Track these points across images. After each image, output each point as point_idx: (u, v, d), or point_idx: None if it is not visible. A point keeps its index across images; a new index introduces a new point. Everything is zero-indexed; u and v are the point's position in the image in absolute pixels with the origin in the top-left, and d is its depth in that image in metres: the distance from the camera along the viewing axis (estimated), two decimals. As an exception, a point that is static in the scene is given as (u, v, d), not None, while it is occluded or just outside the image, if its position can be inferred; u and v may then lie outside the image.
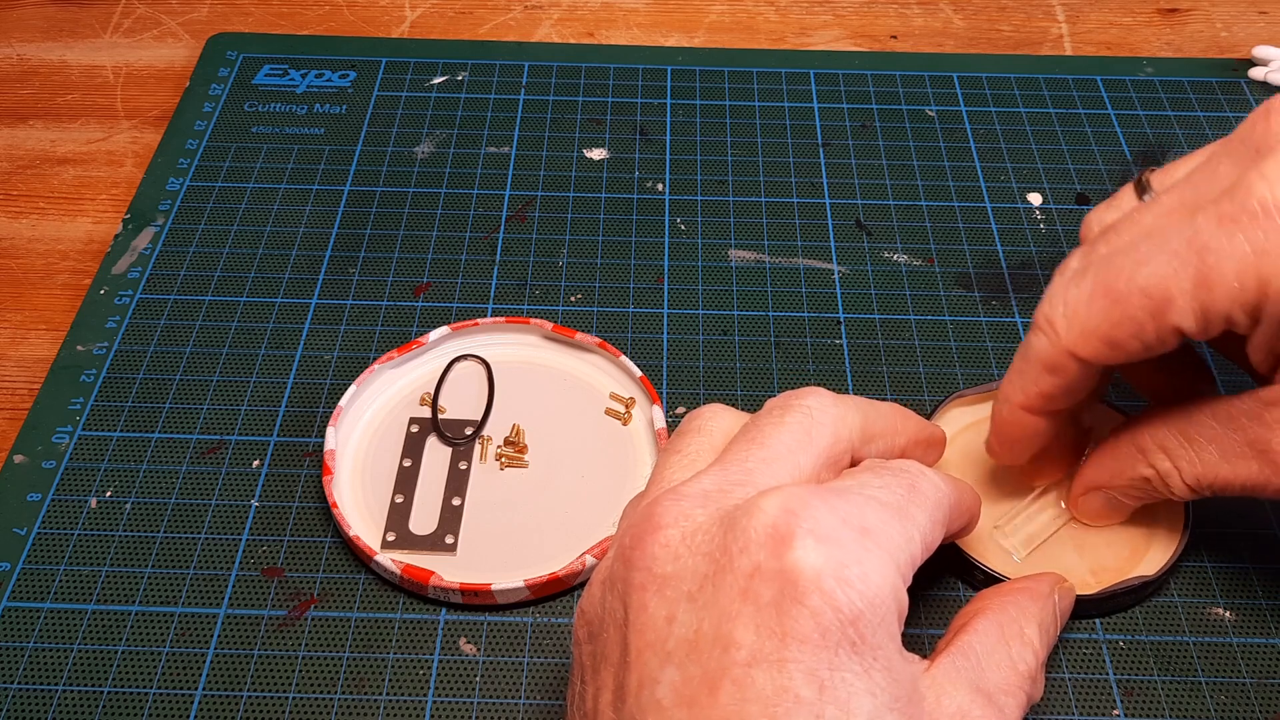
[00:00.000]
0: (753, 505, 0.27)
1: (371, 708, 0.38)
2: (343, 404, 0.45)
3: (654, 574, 0.27)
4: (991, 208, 0.56)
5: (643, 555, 0.28)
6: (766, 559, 0.26)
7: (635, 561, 0.28)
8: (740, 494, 0.29)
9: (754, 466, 0.30)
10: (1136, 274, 0.32)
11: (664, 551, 0.28)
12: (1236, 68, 0.65)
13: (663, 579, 0.27)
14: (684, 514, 0.28)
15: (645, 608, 0.27)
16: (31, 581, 0.41)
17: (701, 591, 0.27)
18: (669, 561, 0.27)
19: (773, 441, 0.31)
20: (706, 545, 0.27)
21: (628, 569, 0.28)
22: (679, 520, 0.28)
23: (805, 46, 0.67)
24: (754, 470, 0.30)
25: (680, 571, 0.27)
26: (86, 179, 0.59)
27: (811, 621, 0.25)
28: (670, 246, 0.54)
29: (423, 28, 0.68)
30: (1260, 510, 0.44)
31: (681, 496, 0.29)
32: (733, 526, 0.27)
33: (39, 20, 0.69)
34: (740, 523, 0.27)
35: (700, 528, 0.28)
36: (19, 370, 0.50)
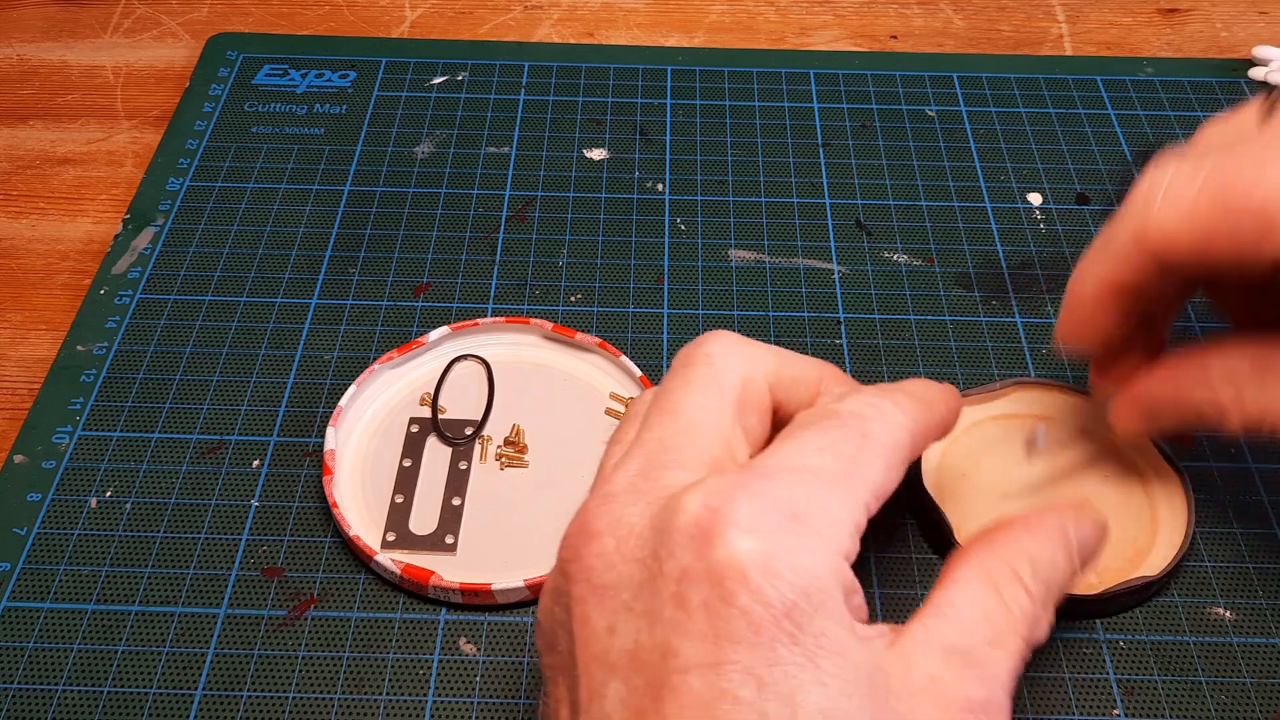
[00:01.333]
0: (677, 504, 0.26)
1: (371, 708, 0.38)
2: (343, 404, 0.45)
3: (593, 585, 0.27)
4: (991, 208, 0.56)
5: (580, 568, 0.27)
6: (693, 560, 0.25)
7: (574, 574, 0.27)
8: (667, 479, 0.28)
9: (671, 441, 0.29)
10: (1260, 181, 0.28)
11: (600, 562, 0.27)
12: (1236, 68, 0.65)
13: (601, 590, 0.27)
14: (616, 518, 0.27)
15: (587, 620, 0.26)
16: (31, 581, 0.41)
17: (638, 600, 0.26)
18: (605, 571, 0.27)
19: (683, 407, 0.29)
20: (639, 551, 0.26)
21: (568, 582, 0.27)
22: (613, 527, 0.27)
23: (805, 46, 0.67)
24: (672, 446, 0.28)
25: (618, 581, 0.26)
26: (86, 179, 0.59)
27: (743, 620, 0.24)
28: (670, 246, 0.54)
29: (423, 28, 0.68)
30: (1260, 510, 0.44)
31: (611, 498, 0.28)
32: (661, 529, 0.26)
33: (39, 20, 0.69)
34: (667, 524, 0.26)
35: (633, 531, 0.27)
36: (19, 370, 0.50)
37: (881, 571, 0.42)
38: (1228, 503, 0.44)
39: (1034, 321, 0.51)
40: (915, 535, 0.43)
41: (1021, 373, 0.48)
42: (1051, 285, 0.52)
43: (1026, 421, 0.46)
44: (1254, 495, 0.44)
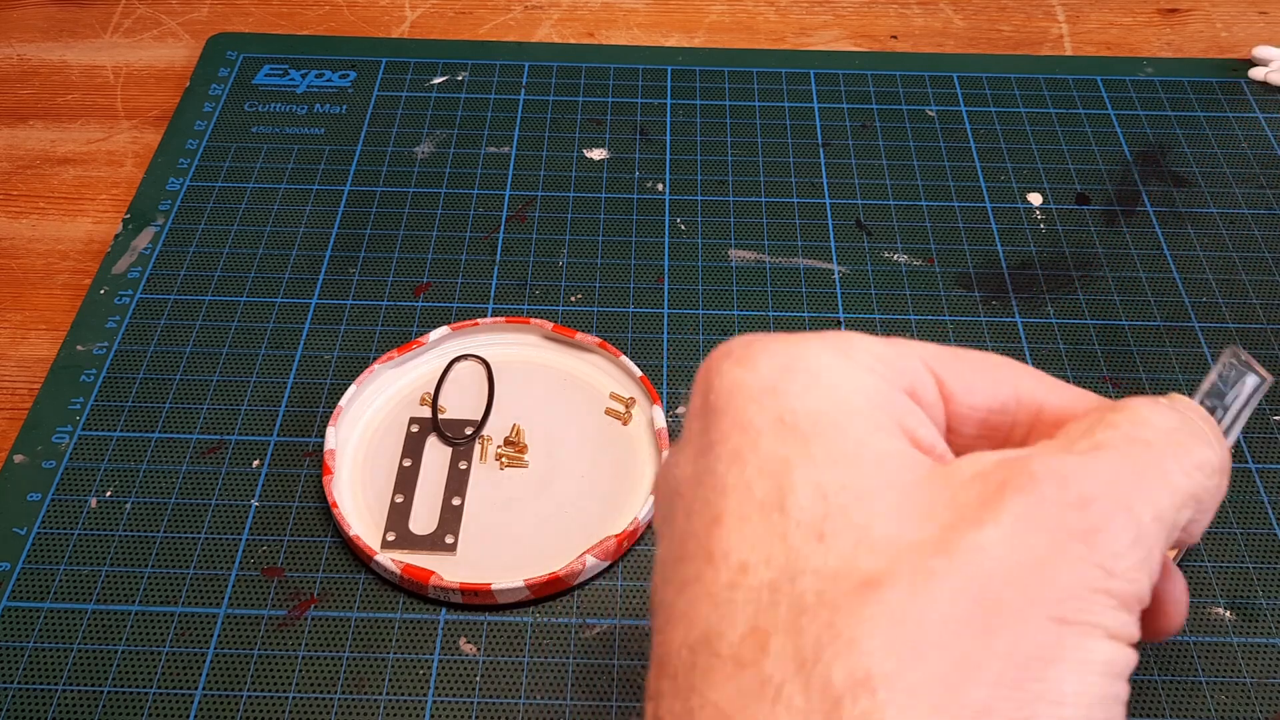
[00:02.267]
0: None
1: (371, 708, 0.38)
2: (343, 404, 0.45)
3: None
4: (991, 208, 0.56)
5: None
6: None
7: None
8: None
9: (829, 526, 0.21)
10: None
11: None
12: (1236, 68, 0.65)
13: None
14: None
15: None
16: (31, 581, 0.41)
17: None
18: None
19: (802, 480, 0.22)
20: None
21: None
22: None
23: (805, 46, 0.67)
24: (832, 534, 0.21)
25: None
26: (86, 179, 0.59)
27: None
28: (670, 246, 0.54)
29: (423, 28, 0.68)
30: (1260, 510, 0.44)
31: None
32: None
33: (39, 20, 0.69)
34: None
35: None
36: (19, 370, 0.50)
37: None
38: (1228, 503, 0.44)
39: (1034, 321, 0.51)
40: (915, 535, 0.43)
41: (1021, 373, 0.48)
42: (1051, 285, 0.52)
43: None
44: (1254, 495, 0.44)
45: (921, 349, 0.25)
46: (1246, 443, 0.46)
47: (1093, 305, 0.51)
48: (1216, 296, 0.52)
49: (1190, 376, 0.48)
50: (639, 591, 0.41)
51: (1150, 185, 0.57)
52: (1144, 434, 0.23)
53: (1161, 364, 0.49)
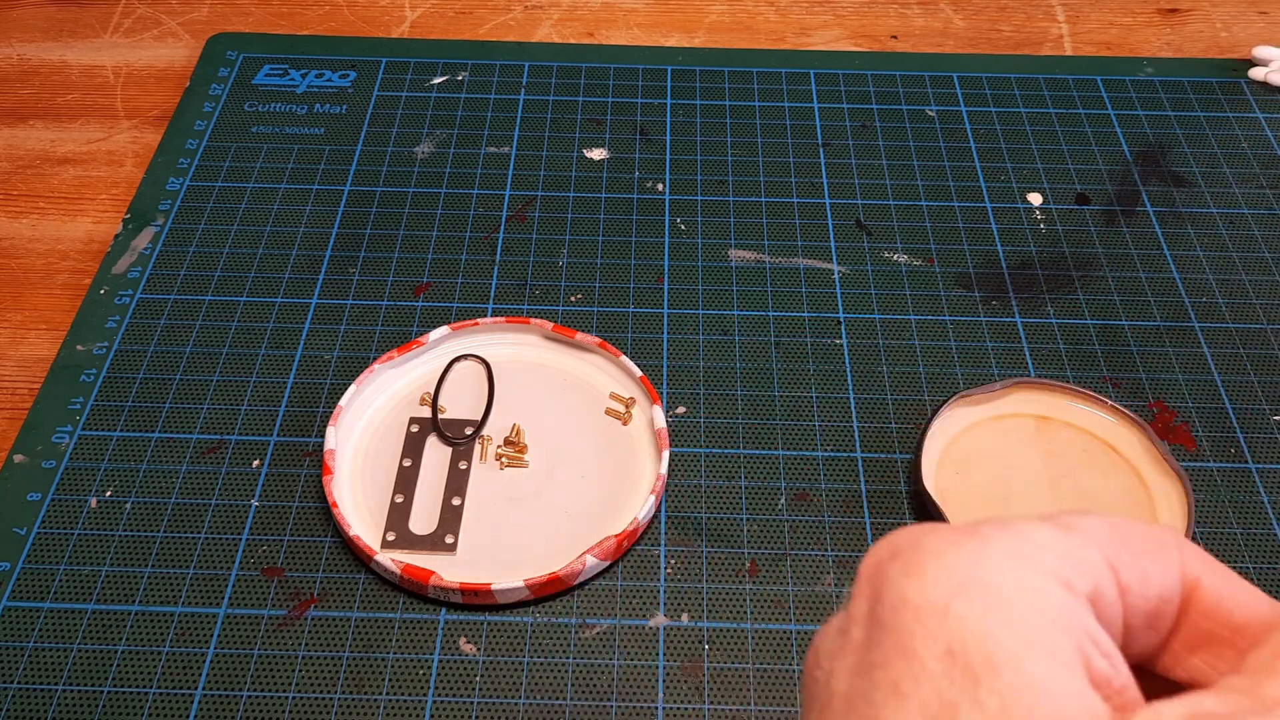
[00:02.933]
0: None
1: (371, 707, 0.38)
2: (343, 404, 0.45)
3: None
4: (991, 208, 0.56)
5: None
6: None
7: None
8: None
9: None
10: None
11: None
12: (1236, 68, 0.65)
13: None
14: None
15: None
16: (31, 581, 0.41)
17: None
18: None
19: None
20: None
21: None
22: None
23: (805, 46, 0.67)
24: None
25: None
26: (86, 179, 0.59)
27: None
28: (670, 246, 0.54)
29: (423, 28, 0.68)
30: (1260, 510, 0.44)
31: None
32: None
33: (39, 20, 0.69)
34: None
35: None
36: (19, 370, 0.50)
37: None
38: (1228, 503, 0.44)
39: (1034, 321, 0.51)
40: (915, 535, 0.43)
41: (1021, 373, 0.48)
42: (1051, 285, 0.52)
43: (1027, 421, 0.46)
44: (1254, 495, 0.44)
45: (1097, 534, 0.22)
46: (1246, 443, 0.46)
47: (1093, 305, 0.51)
48: (1216, 296, 0.52)
49: (1190, 376, 0.48)
50: (639, 591, 0.41)
51: (1150, 185, 0.57)
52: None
53: (1161, 364, 0.49)
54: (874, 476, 0.45)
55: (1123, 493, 0.43)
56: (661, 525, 0.43)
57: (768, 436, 0.46)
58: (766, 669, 0.39)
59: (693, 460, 0.45)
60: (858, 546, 0.43)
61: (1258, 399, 0.48)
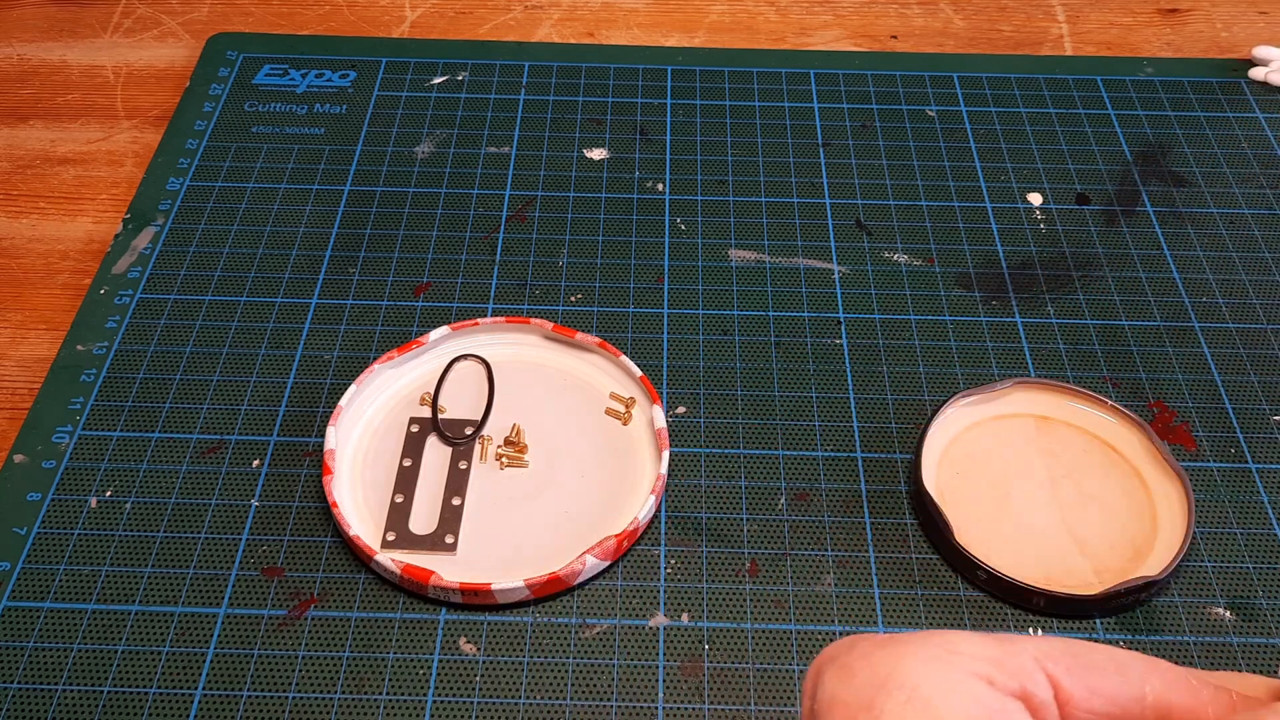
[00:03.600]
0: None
1: (371, 707, 0.38)
2: (343, 404, 0.45)
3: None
4: (991, 208, 0.56)
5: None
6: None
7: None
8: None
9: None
10: None
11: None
12: (1236, 68, 0.65)
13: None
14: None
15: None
16: (31, 581, 0.41)
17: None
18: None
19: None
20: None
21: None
22: None
23: (805, 46, 0.67)
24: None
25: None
26: (86, 179, 0.59)
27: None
28: (670, 246, 0.54)
29: (423, 28, 0.68)
30: (1260, 510, 0.44)
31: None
32: None
33: (39, 20, 0.69)
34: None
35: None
36: (19, 370, 0.50)
37: (881, 571, 0.42)
38: (1228, 503, 0.44)
39: (1034, 321, 0.51)
40: (916, 535, 0.43)
41: (1021, 373, 0.48)
42: (1051, 285, 0.52)
43: (1027, 421, 0.46)
44: (1254, 495, 0.44)
45: (1036, 647, 0.24)
46: (1246, 443, 0.46)
47: (1093, 305, 0.51)
48: (1216, 296, 0.52)
49: (1190, 376, 0.48)
50: (639, 591, 0.41)
51: (1150, 185, 0.57)
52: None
53: (1161, 364, 0.49)
54: (874, 476, 0.45)
55: (1123, 493, 0.43)
56: (661, 525, 0.43)
57: (768, 436, 0.46)
58: (766, 669, 0.39)
59: (693, 460, 0.45)
60: (858, 546, 0.43)
61: (1258, 399, 0.48)
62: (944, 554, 0.42)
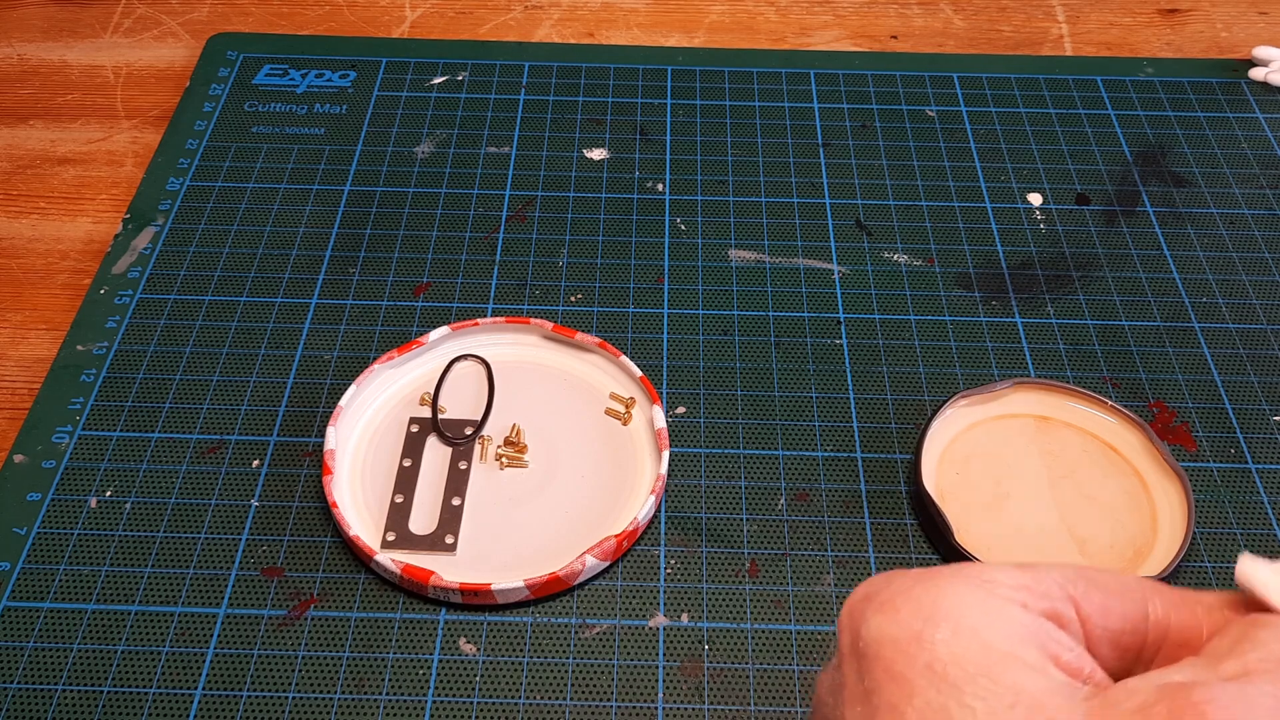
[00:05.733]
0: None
1: (371, 707, 0.38)
2: (343, 404, 0.45)
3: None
4: (991, 208, 0.56)
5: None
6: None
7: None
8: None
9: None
10: None
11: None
12: (1236, 68, 0.65)
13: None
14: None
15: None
16: (31, 581, 0.41)
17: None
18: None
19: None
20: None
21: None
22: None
23: (805, 46, 0.67)
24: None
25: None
26: (86, 179, 0.59)
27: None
28: (670, 246, 0.54)
29: (423, 28, 0.68)
30: (1260, 510, 0.44)
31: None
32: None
33: (39, 20, 0.69)
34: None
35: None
36: (19, 370, 0.50)
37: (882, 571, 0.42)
38: (1228, 503, 0.44)
39: (1034, 321, 0.51)
40: (916, 535, 0.43)
41: (1021, 373, 0.48)
42: (1051, 285, 0.52)
43: (1027, 422, 0.46)
44: (1254, 495, 0.44)
45: (1059, 573, 0.25)
46: (1246, 443, 0.46)
47: (1093, 305, 0.51)
48: (1216, 296, 0.52)
49: (1190, 376, 0.48)
50: (639, 591, 0.41)
51: (1150, 185, 0.57)
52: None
53: (1161, 364, 0.49)
54: (874, 476, 0.45)
55: (1123, 493, 0.43)
56: (661, 525, 0.43)
57: (768, 436, 0.46)
58: (766, 669, 0.39)
59: (693, 460, 0.45)
60: (858, 546, 0.43)
61: (1258, 399, 0.48)
62: (944, 554, 0.42)
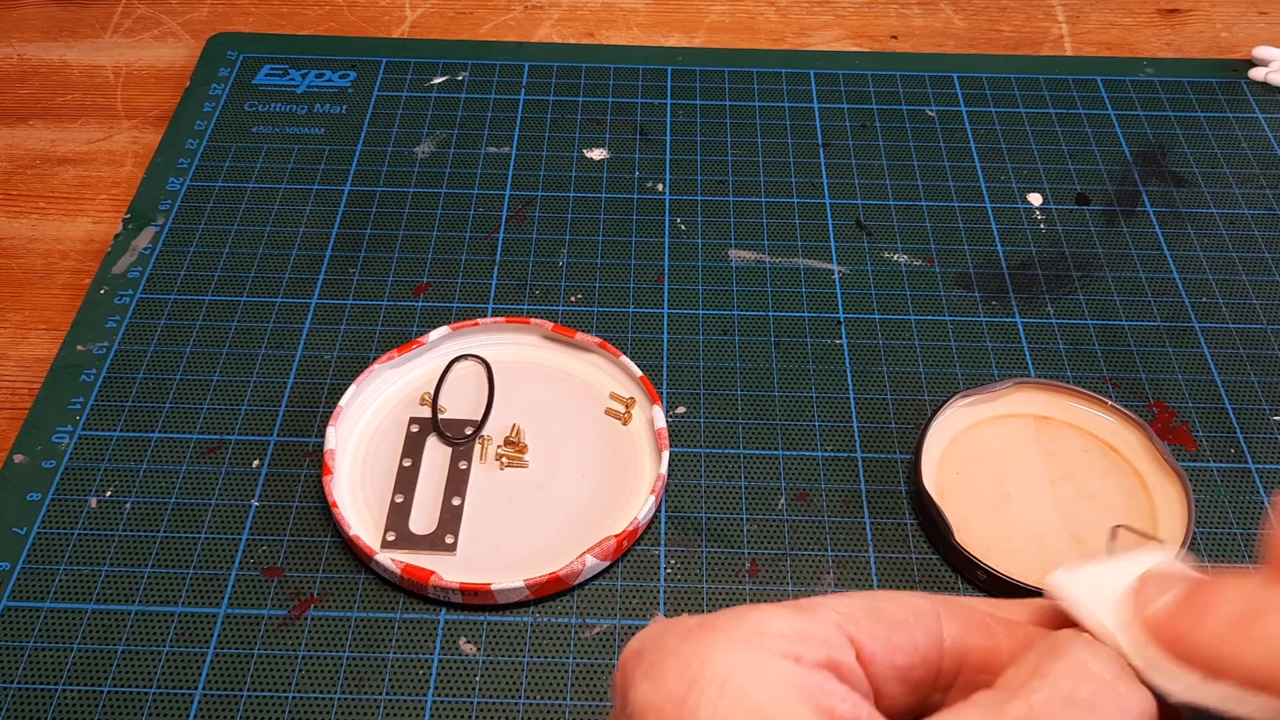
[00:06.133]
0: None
1: (371, 707, 0.38)
2: (343, 404, 0.45)
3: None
4: (991, 208, 0.56)
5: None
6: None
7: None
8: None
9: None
10: None
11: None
12: (1236, 68, 0.65)
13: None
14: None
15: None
16: (31, 581, 0.41)
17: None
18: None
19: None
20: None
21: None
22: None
23: (805, 46, 0.67)
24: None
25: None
26: (86, 179, 0.59)
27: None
28: (670, 246, 0.54)
29: (423, 28, 0.68)
30: (1260, 510, 0.44)
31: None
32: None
33: (39, 20, 0.69)
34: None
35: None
36: (19, 370, 0.50)
37: (881, 571, 0.42)
38: (1228, 503, 0.44)
39: (1034, 321, 0.51)
40: (916, 535, 0.43)
41: (1021, 373, 0.48)
42: (1051, 285, 0.52)
43: (1027, 422, 0.46)
44: (1254, 495, 0.44)
45: (837, 610, 0.24)
46: (1246, 443, 0.46)
47: (1093, 305, 0.51)
48: (1216, 296, 0.52)
49: (1190, 376, 0.48)
50: (639, 592, 0.41)
51: (1150, 185, 0.57)
52: (1083, 691, 0.22)
53: (1161, 364, 0.49)
54: (874, 476, 0.45)
55: (1123, 493, 0.43)
56: (661, 525, 0.43)
57: (768, 436, 0.46)
58: (766, 669, 0.39)
59: (693, 460, 0.45)
60: (858, 546, 0.43)
61: (1258, 399, 0.48)
62: (944, 554, 0.42)
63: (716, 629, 0.24)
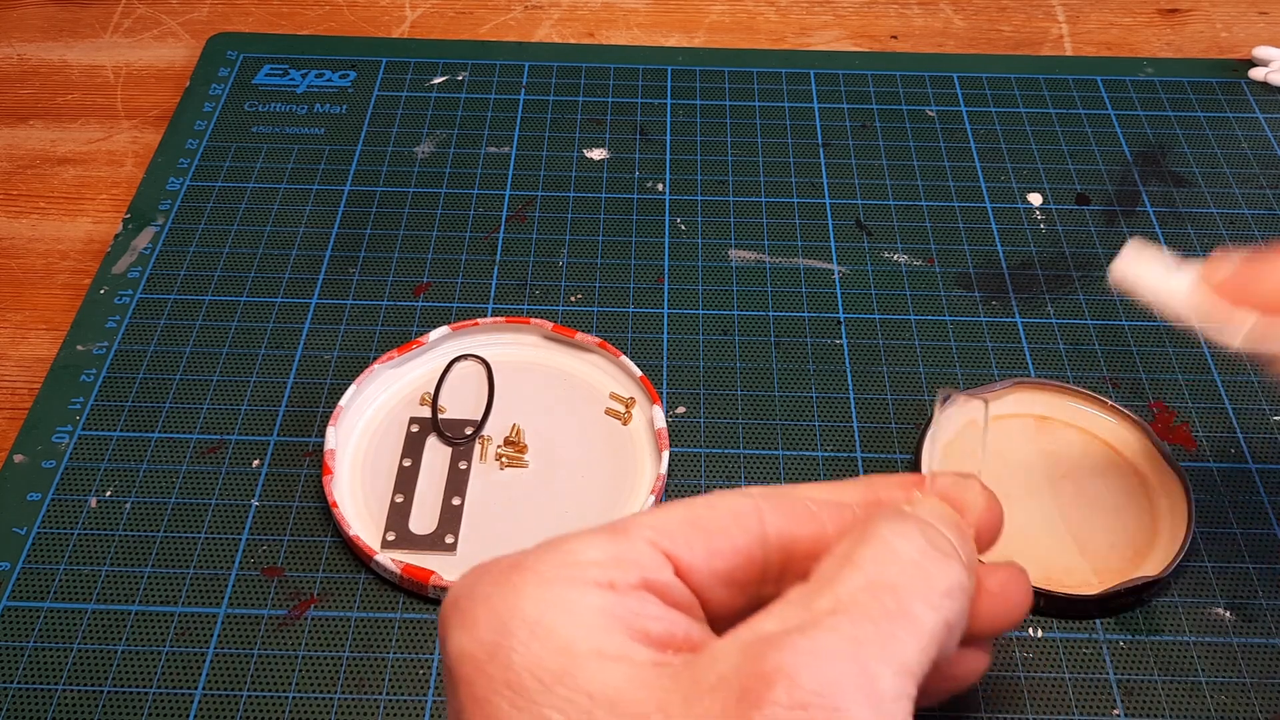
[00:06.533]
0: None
1: (371, 707, 0.38)
2: (343, 404, 0.45)
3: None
4: (991, 208, 0.56)
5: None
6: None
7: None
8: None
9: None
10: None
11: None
12: (1236, 68, 0.65)
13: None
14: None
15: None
16: (31, 581, 0.41)
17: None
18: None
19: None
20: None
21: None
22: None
23: (805, 46, 0.67)
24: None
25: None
26: (86, 179, 0.59)
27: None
28: (670, 246, 0.54)
29: (423, 28, 0.68)
30: (1260, 510, 0.44)
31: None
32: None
33: (39, 20, 0.69)
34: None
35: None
36: (19, 370, 0.50)
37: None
38: (1228, 503, 0.44)
39: (1034, 321, 0.51)
40: (915, 535, 0.43)
41: (1021, 373, 0.48)
42: (1051, 285, 0.52)
43: (1027, 422, 0.46)
44: (1254, 495, 0.44)
45: (651, 527, 0.24)
46: (1246, 443, 0.46)
47: (1093, 305, 0.51)
48: (1216, 296, 0.52)
49: (1190, 376, 0.48)
50: (639, 591, 0.41)
51: (1150, 185, 0.57)
52: (889, 575, 0.22)
53: (1161, 364, 0.49)
54: (874, 476, 0.45)
55: (1123, 493, 0.43)
56: (661, 525, 0.43)
57: (768, 436, 0.46)
58: (766, 669, 0.39)
59: (693, 460, 0.45)
60: (858, 546, 0.43)
61: (1258, 399, 0.48)
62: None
63: (527, 568, 0.23)
